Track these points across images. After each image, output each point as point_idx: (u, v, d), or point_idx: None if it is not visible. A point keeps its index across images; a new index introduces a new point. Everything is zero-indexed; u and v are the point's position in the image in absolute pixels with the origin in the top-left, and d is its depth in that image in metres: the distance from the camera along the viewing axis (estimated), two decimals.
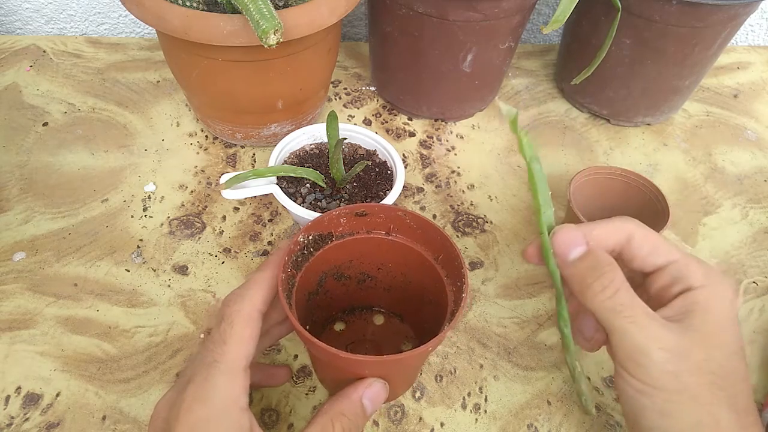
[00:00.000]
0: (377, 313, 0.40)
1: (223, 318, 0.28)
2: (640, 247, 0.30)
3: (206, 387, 0.26)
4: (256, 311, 0.28)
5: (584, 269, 0.29)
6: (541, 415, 0.36)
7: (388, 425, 0.35)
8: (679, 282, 0.29)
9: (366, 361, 0.28)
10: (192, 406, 0.26)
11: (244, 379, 0.27)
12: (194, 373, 0.27)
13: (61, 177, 0.48)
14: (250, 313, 0.28)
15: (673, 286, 0.29)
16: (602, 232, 0.30)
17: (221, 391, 0.26)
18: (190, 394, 0.26)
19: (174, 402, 0.27)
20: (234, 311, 0.28)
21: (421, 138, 0.55)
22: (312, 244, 0.33)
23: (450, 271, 0.32)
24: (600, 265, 0.29)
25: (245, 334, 0.27)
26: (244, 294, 0.29)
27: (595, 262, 0.29)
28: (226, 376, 0.26)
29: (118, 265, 0.42)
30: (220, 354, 0.27)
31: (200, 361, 0.27)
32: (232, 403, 0.26)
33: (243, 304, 0.28)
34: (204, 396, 0.26)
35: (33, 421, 0.34)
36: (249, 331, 0.28)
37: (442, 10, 0.45)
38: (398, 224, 0.34)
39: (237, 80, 0.44)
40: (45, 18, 0.64)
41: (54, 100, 0.54)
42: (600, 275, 0.28)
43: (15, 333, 0.38)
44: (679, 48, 0.50)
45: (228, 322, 0.28)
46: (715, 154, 0.57)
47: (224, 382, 0.26)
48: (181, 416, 0.26)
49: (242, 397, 0.26)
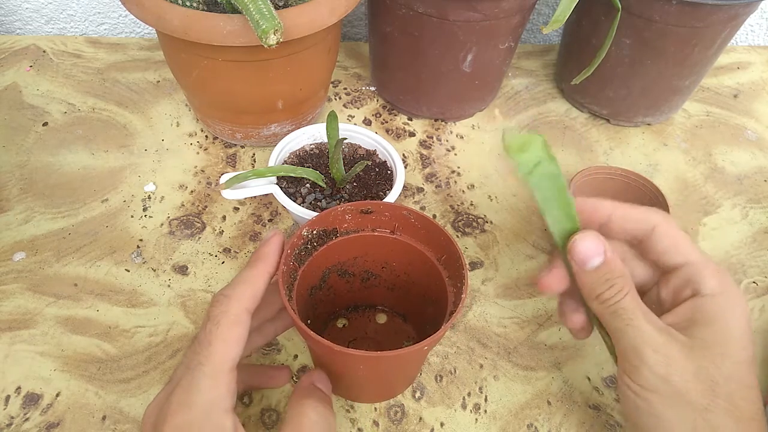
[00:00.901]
0: (380, 312, 0.40)
1: (209, 319, 0.28)
2: (660, 241, 0.30)
3: (190, 391, 0.26)
4: (244, 311, 0.28)
5: (598, 279, 0.29)
6: (541, 415, 0.36)
7: (388, 425, 0.35)
8: (690, 286, 0.29)
9: (361, 356, 0.28)
10: (177, 411, 0.26)
11: (229, 381, 0.27)
12: (181, 376, 0.27)
13: (61, 177, 0.48)
14: (237, 314, 0.28)
15: (684, 290, 0.29)
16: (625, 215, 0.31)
17: (204, 394, 0.26)
18: (176, 399, 0.26)
19: (161, 406, 0.27)
20: (220, 312, 0.27)
21: (421, 138, 0.55)
22: (316, 239, 0.33)
23: (452, 272, 0.33)
24: (613, 276, 0.29)
25: (231, 336, 0.27)
26: (230, 294, 0.28)
27: (609, 273, 0.29)
28: (209, 378, 0.26)
29: (118, 265, 0.42)
30: (205, 356, 0.27)
31: (186, 364, 0.27)
32: (215, 406, 0.26)
33: (230, 304, 0.28)
34: (187, 400, 0.26)
35: (33, 421, 0.34)
36: (236, 332, 0.27)
37: (442, 10, 0.45)
38: (403, 223, 0.34)
39: (237, 80, 0.44)
40: (45, 18, 0.64)
41: (54, 100, 0.54)
42: (610, 286, 0.29)
43: (15, 333, 0.38)
44: (679, 48, 0.50)
45: (214, 323, 0.27)
46: (715, 154, 0.57)
47: (207, 385, 0.26)
48: (168, 420, 0.26)
49: (226, 399, 0.26)
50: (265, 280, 0.29)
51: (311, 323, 0.33)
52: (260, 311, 0.31)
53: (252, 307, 0.29)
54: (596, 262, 0.29)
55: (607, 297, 0.29)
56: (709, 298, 0.28)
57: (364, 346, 0.38)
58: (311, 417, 0.28)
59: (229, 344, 0.27)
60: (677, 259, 0.30)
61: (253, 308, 0.29)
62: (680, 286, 0.30)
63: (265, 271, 0.29)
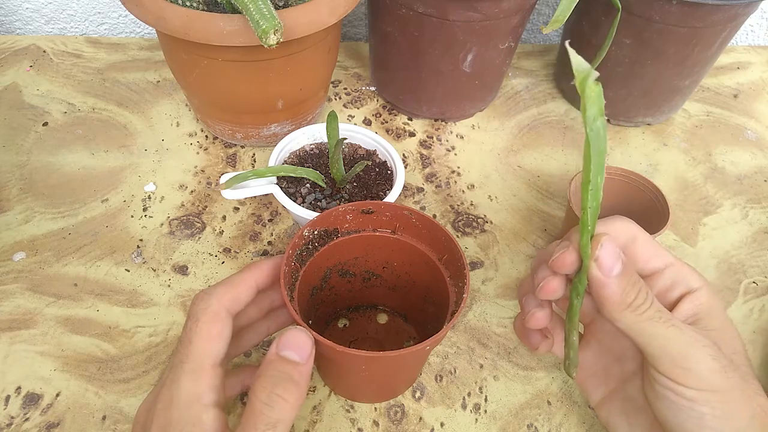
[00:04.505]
0: (381, 312, 0.40)
1: (189, 317, 0.28)
2: (644, 249, 0.30)
3: (172, 389, 0.26)
4: (223, 309, 0.28)
5: (627, 284, 0.27)
6: (541, 415, 0.36)
7: (388, 425, 0.35)
8: (679, 285, 0.29)
9: (363, 356, 0.28)
10: (162, 410, 0.26)
11: (210, 376, 0.26)
12: (166, 375, 0.27)
13: (61, 177, 0.48)
14: (216, 311, 0.27)
15: (673, 289, 0.29)
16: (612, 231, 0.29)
17: (184, 391, 0.26)
18: (161, 398, 0.26)
19: (150, 407, 0.27)
20: (200, 309, 0.27)
21: (421, 138, 0.55)
22: (317, 239, 0.33)
23: (453, 272, 0.32)
24: (636, 279, 0.27)
25: (212, 332, 0.27)
26: (211, 292, 0.28)
27: (633, 277, 0.27)
28: (190, 374, 0.26)
29: (118, 265, 0.42)
30: (186, 354, 0.26)
31: (171, 363, 0.28)
32: (195, 401, 0.26)
33: (209, 301, 0.28)
34: (170, 398, 0.26)
35: (33, 421, 0.34)
36: (216, 328, 0.27)
37: (442, 10, 0.45)
38: (404, 223, 0.34)
39: (237, 80, 0.44)
40: (45, 18, 0.64)
41: (54, 100, 0.54)
42: (638, 290, 0.27)
43: (15, 333, 0.38)
44: (679, 48, 0.50)
45: (194, 321, 0.27)
46: (715, 154, 0.57)
47: (188, 382, 0.26)
48: (154, 420, 0.26)
49: (208, 395, 0.26)
50: (250, 285, 0.29)
51: (312, 323, 0.33)
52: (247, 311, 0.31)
53: (233, 308, 0.28)
54: (619, 267, 0.27)
55: (639, 303, 0.27)
56: (701, 291, 0.29)
57: (366, 346, 0.38)
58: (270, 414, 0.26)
59: (208, 340, 0.27)
60: (659, 263, 0.30)
61: (234, 309, 0.28)
62: (667, 287, 0.30)
63: (252, 277, 0.29)
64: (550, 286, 0.29)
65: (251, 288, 0.29)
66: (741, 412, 0.26)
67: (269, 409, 0.25)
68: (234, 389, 0.33)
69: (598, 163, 0.24)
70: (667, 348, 0.26)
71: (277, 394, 0.25)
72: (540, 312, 0.31)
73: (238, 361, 0.38)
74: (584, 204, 0.25)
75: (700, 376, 0.26)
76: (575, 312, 0.29)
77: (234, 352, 0.32)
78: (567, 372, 0.32)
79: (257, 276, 0.30)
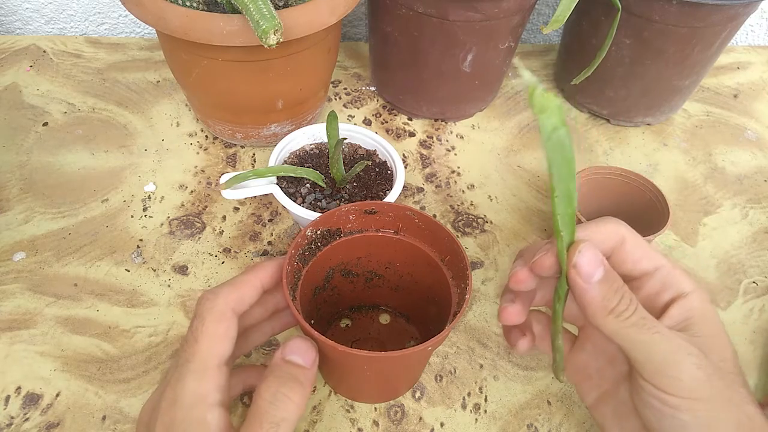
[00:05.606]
0: (384, 312, 0.40)
1: (195, 316, 0.28)
2: (633, 251, 0.29)
3: (177, 388, 0.26)
4: (229, 309, 0.28)
5: (608, 291, 0.27)
6: (541, 415, 0.36)
7: (388, 425, 0.35)
8: (670, 288, 0.29)
9: (365, 356, 0.28)
10: (166, 409, 0.26)
11: (216, 376, 0.26)
12: (171, 374, 0.27)
13: (61, 177, 0.48)
14: (222, 311, 0.27)
15: (663, 293, 0.29)
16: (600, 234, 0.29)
17: (189, 390, 0.26)
18: (165, 397, 0.26)
19: (154, 406, 0.27)
20: (206, 309, 0.27)
21: (421, 138, 0.55)
22: (320, 239, 0.33)
23: (455, 272, 0.32)
24: (619, 286, 0.27)
25: (218, 332, 0.27)
26: (217, 291, 0.28)
27: (615, 283, 0.27)
28: (195, 374, 0.26)
29: (118, 265, 0.42)
30: (192, 353, 0.26)
31: (176, 362, 0.27)
32: (200, 401, 0.26)
33: (216, 301, 0.28)
34: (174, 397, 0.26)
35: (33, 421, 0.34)
36: (222, 327, 0.27)
37: (442, 10, 0.45)
38: (407, 224, 0.34)
39: (237, 80, 0.44)
40: (45, 18, 0.64)
41: (54, 100, 0.54)
42: (621, 296, 0.27)
43: (15, 333, 0.38)
44: (679, 48, 0.50)
45: (200, 320, 0.27)
46: (715, 154, 0.57)
47: (193, 381, 0.26)
48: (158, 419, 0.26)
49: (213, 394, 0.26)
50: (255, 286, 0.29)
51: (314, 323, 0.33)
52: (252, 311, 0.31)
53: (238, 309, 0.28)
54: (600, 273, 0.26)
55: (622, 309, 0.26)
56: (692, 295, 0.28)
57: (368, 347, 0.38)
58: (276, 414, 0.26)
59: (214, 340, 0.27)
60: (649, 265, 0.29)
61: (239, 310, 0.28)
62: (657, 290, 0.29)
63: (257, 278, 0.29)
64: (518, 276, 0.29)
65: (256, 288, 0.29)
66: (726, 421, 0.26)
67: (274, 408, 0.25)
68: (235, 389, 0.33)
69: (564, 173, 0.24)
70: (651, 355, 0.26)
71: (283, 393, 0.26)
72: (511, 307, 0.30)
73: (239, 362, 0.38)
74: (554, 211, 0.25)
75: (684, 384, 0.25)
76: (558, 316, 0.29)
77: (239, 353, 0.32)
78: (555, 375, 0.32)
79: (262, 276, 0.30)
